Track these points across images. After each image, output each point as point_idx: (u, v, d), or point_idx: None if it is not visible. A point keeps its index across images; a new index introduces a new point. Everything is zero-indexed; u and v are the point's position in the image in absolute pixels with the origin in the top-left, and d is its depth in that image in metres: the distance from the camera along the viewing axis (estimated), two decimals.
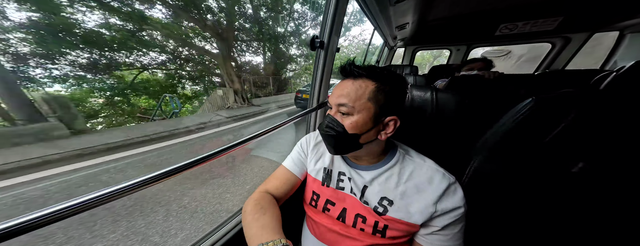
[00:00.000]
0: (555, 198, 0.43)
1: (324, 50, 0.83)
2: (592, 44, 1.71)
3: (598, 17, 1.35)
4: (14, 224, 0.23)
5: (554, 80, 1.16)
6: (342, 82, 0.43)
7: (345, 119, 0.40)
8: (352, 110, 0.39)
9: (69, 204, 0.27)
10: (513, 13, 1.33)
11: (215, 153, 0.46)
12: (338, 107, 0.41)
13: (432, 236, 0.40)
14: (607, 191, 0.38)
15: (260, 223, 0.39)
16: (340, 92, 0.41)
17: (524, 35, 1.67)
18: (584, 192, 0.40)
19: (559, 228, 0.44)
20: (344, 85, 0.41)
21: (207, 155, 0.44)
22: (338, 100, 0.41)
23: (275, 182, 0.52)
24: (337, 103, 0.41)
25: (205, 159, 0.43)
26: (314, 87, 0.92)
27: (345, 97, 0.40)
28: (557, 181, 0.42)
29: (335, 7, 0.76)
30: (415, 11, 1.33)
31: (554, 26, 1.46)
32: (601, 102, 0.37)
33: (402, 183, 0.43)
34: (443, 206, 0.39)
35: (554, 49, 1.90)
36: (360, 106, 0.39)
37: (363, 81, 0.40)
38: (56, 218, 0.26)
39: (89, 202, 0.28)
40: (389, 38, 2.16)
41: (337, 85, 0.43)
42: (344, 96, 0.40)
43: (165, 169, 0.37)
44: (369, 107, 0.39)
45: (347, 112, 0.40)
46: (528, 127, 0.43)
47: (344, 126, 0.40)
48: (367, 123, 0.39)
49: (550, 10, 1.28)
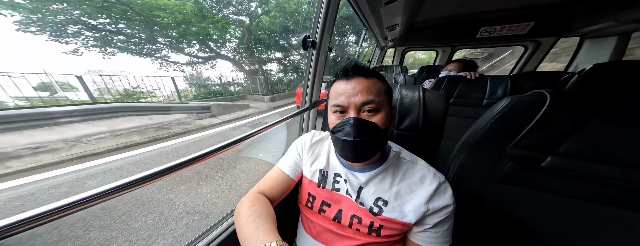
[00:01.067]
0: (529, 191, 0.47)
1: (316, 50, 0.83)
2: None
3: (563, 24, 1.50)
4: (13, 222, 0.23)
5: (526, 81, 1.25)
6: (350, 81, 0.40)
7: (372, 116, 0.39)
8: (379, 106, 0.39)
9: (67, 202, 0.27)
10: (491, 17, 1.44)
11: (207, 154, 0.45)
12: (363, 105, 0.39)
13: (424, 234, 0.42)
14: (574, 185, 0.42)
15: (255, 225, 0.38)
16: (359, 89, 0.39)
17: (501, 38, 1.81)
18: (553, 186, 0.44)
19: (532, 217, 0.48)
20: (356, 83, 0.39)
21: (198, 156, 0.43)
22: (363, 98, 0.38)
23: (270, 182, 0.51)
24: (363, 101, 0.38)
25: (197, 159, 0.42)
26: (306, 87, 0.92)
27: (369, 93, 0.38)
28: (529, 175, 0.46)
29: (327, 6, 0.76)
30: (405, 12, 1.37)
31: (526, 30, 1.60)
32: (567, 101, 0.41)
33: (396, 184, 0.43)
34: (434, 205, 0.40)
35: (527, 51, 2.07)
36: (383, 100, 0.40)
37: (374, 78, 0.41)
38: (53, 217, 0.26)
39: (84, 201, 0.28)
40: (379, 38, 2.21)
41: (341, 85, 0.41)
42: (368, 93, 0.38)
43: (155, 169, 0.35)
44: (387, 101, 0.41)
45: (375, 108, 0.39)
46: (505, 125, 0.47)
47: (377, 124, 0.38)
48: (388, 118, 0.41)
49: (523, 16, 1.41)
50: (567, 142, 0.41)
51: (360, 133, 0.37)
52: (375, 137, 0.39)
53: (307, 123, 0.97)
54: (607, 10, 1.22)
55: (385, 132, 0.40)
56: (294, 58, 10.64)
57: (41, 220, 0.26)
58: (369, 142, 0.39)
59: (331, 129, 0.42)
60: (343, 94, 0.40)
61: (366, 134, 0.38)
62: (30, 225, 0.25)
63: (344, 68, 0.42)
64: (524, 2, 1.16)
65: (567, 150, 0.41)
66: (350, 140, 0.38)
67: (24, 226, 0.24)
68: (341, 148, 0.42)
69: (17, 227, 0.24)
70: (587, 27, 1.52)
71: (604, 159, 0.39)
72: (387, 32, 1.85)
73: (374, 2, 1.17)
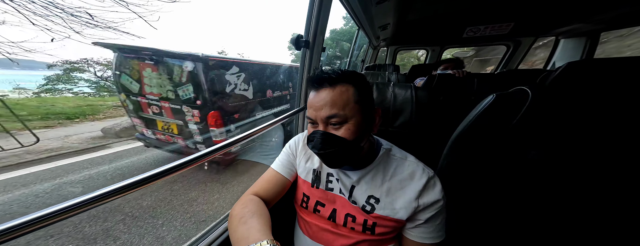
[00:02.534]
0: (514, 183, 0.50)
1: (309, 50, 0.83)
2: None
3: (540, 24, 1.60)
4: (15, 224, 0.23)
5: (509, 78, 1.33)
6: (319, 92, 0.39)
7: (339, 129, 0.38)
8: (345, 118, 0.37)
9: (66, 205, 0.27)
10: (475, 17, 1.51)
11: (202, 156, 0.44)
12: (328, 119, 0.38)
13: (417, 229, 0.42)
14: (557, 174, 0.45)
15: (247, 226, 0.37)
16: (323, 102, 0.38)
17: (485, 38, 1.91)
18: (538, 177, 0.47)
19: (518, 207, 0.51)
20: (323, 95, 0.38)
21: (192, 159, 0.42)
22: (326, 113, 0.37)
23: (265, 184, 0.51)
24: (327, 115, 0.37)
25: (191, 163, 0.41)
26: (299, 87, 0.91)
27: (333, 107, 0.37)
28: (515, 168, 0.49)
29: (320, 6, 0.76)
30: (395, 12, 1.39)
31: (507, 30, 1.69)
32: (546, 97, 0.44)
33: (386, 181, 0.44)
34: (425, 200, 0.41)
35: (509, 50, 2.20)
36: (351, 111, 0.38)
37: (342, 86, 0.38)
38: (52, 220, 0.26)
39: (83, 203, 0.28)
40: (372, 38, 2.24)
41: (312, 98, 0.40)
42: (331, 106, 0.37)
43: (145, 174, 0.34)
44: (358, 108, 0.38)
45: (341, 121, 0.38)
46: (491, 120, 0.49)
47: (343, 137, 0.37)
48: (362, 125, 0.39)
49: (504, 16, 1.49)
50: (549, 135, 0.43)
51: (325, 147, 0.38)
52: (341, 150, 0.38)
53: (302, 124, 0.97)
54: (577, 12, 1.32)
55: (354, 142, 0.38)
56: None
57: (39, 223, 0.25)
58: (334, 154, 0.39)
59: (307, 137, 0.43)
60: (311, 107, 0.40)
61: (331, 147, 0.38)
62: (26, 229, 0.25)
63: (311, 78, 0.42)
64: (503, 3, 1.23)
65: (550, 143, 0.43)
66: (316, 153, 0.40)
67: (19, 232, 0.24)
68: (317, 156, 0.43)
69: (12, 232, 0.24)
70: (561, 28, 1.62)
71: (584, 151, 0.42)
72: (380, 31, 1.88)
73: (366, 1, 1.18)
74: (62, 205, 0.27)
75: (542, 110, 0.44)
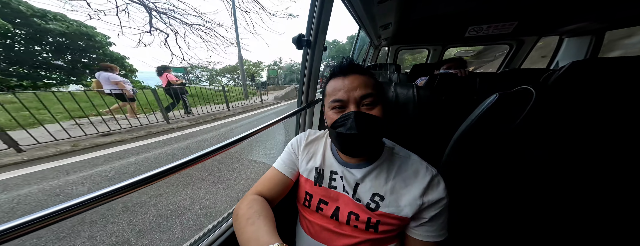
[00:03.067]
0: (517, 183, 0.50)
1: (310, 49, 0.83)
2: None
3: (543, 23, 1.59)
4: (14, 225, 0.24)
5: (512, 77, 1.32)
6: (347, 77, 0.42)
7: (372, 109, 0.40)
8: (377, 99, 0.41)
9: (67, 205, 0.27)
10: (478, 16, 1.50)
11: (207, 154, 0.44)
12: (362, 99, 0.40)
13: (421, 228, 0.42)
14: (560, 174, 0.45)
15: (255, 227, 0.37)
16: (356, 84, 0.40)
17: (488, 37, 1.89)
18: (541, 177, 0.47)
19: (520, 207, 0.51)
20: (354, 78, 0.41)
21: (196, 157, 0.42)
22: (361, 92, 0.39)
23: (267, 183, 0.51)
24: (362, 94, 0.39)
25: (194, 161, 0.41)
26: (301, 86, 0.91)
27: (367, 87, 0.40)
28: (518, 167, 0.49)
29: (321, 5, 0.76)
30: (397, 11, 1.39)
31: (510, 30, 1.67)
32: (550, 97, 0.43)
33: (391, 179, 0.44)
34: (429, 198, 0.41)
35: (512, 49, 2.18)
36: (380, 94, 0.42)
37: (366, 75, 0.42)
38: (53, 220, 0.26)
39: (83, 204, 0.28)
40: (373, 37, 2.23)
41: (338, 81, 0.42)
42: (365, 87, 0.40)
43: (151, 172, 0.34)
44: (381, 96, 0.43)
45: (374, 101, 0.40)
46: (494, 120, 0.49)
47: (377, 115, 0.40)
48: (386, 110, 0.42)
49: (508, 15, 1.47)
50: (554, 135, 0.43)
51: (362, 127, 0.38)
52: (377, 130, 0.40)
53: (304, 123, 0.97)
54: (582, 10, 1.30)
55: (384, 124, 0.41)
56: None
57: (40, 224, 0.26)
58: (371, 135, 0.40)
59: (331, 125, 0.42)
60: (341, 89, 0.41)
61: (368, 127, 0.39)
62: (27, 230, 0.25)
63: (339, 65, 0.43)
64: (507, 2, 1.22)
65: (554, 142, 0.43)
66: (354, 134, 0.38)
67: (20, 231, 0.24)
68: (342, 143, 0.41)
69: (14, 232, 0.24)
70: (564, 27, 1.61)
71: (588, 151, 0.41)
72: (381, 31, 1.87)
73: (367, 0, 1.18)
74: (57, 207, 0.28)
75: (546, 109, 0.44)
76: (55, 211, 0.27)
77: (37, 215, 0.25)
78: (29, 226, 0.25)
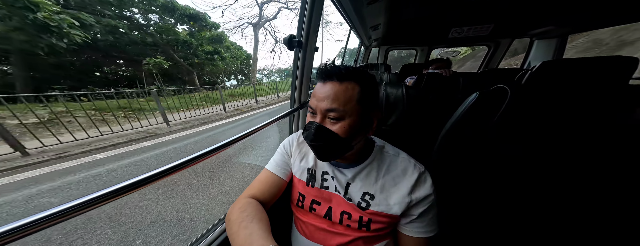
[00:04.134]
0: (497, 177, 0.54)
1: (302, 50, 0.83)
2: None
3: (516, 26, 1.73)
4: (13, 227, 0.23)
5: (491, 77, 1.42)
6: (326, 84, 0.39)
7: (335, 124, 0.38)
8: (343, 114, 0.37)
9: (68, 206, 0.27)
10: (459, 19, 1.60)
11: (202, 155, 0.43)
12: (326, 112, 0.38)
13: (411, 225, 0.43)
14: (533, 167, 0.49)
15: (248, 231, 0.36)
16: (326, 95, 0.38)
17: (469, 39, 2.02)
18: (515, 170, 0.51)
19: (509, 201, 0.55)
20: (329, 88, 0.38)
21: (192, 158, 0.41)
22: (327, 105, 0.37)
23: (260, 186, 0.50)
24: (326, 108, 0.38)
25: (186, 164, 0.40)
26: (294, 87, 0.91)
27: (335, 101, 0.37)
28: (497, 162, 0.53)
29: (312, 6, 0.76)
30: (386, 13, 1.43)
31: (487, 32, 1.81)
32: (523, 94, 0.47)
33: (381, 177, 0.44)
34: (417, 195, 0.42)
35: (490, 50, 2.35)
36: (351, 109, 0.37)
37: (349, 83, 0.38)
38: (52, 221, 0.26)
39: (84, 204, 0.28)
40: (364, 38, 2.28)
41: (318, 87, 0.40)
42: (333, 100, 0.37)
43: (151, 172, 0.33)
44: (358, 109, 0.38)
45: (338, 117, 0.38)
46: (475, 117, 0.52)
47: (336, 132, 0.38)
48: (358, 125, 0.39)
49: (485, 18, 1.59)
50: (527, 130, 0.47)
51: (316, 138, 0.40)
52: (332, 145, 0.39)
53: (297, 124, 0.97)
54: (546, 16, 1.45)
55: (346, 140, 0.39)
56: None
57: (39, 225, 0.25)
58: (324, 148, 0.40)
59: (304, 126, 0.44)
60: (314, 97, 0.40)
61: (322, 140, 0.39)
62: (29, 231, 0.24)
63: (322, 69, 0.41)
64: (483, 6, 1.31)
65: (528, 137, 0.47)
66: (308, 143, 0.42)
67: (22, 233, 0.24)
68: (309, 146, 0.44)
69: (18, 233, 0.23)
70: (534, 30, 1.76)
71: (557, 144, 0.45)
72: (371, 31, 1.91)
73: (357, 2, 1.20)
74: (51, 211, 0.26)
75: (520, 106, 0.47)
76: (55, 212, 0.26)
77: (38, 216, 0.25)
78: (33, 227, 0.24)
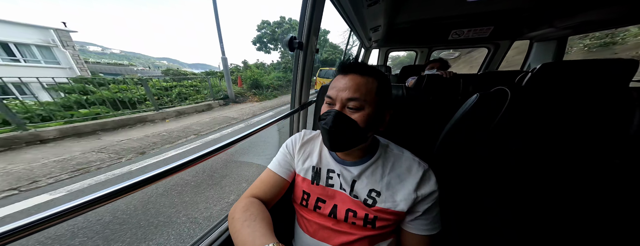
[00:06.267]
0: (498, 177, 0.55)
1: (302, 51, 0.83)
2: None
3: (515, 28, 1.73)
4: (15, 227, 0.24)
5: (491, 78, 1.43)
6: (346, 76, 0.41)
7: (354, 113, 0.40)
8: (363, 104, 0.39)
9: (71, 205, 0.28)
10: (459, 21, 1.61)
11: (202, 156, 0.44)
12: (347, 101, 0.40)
13: (415, 222, 0.44)
14: (535, 166, 0.49)
15: (251, 229, 0.37)
16: (347, 85, 0.40)
17: (469, 41, 2.02)
18: (521, 168, 0.51)
19: (508, 199, 0.56)
20: (350, 79, 0.40)
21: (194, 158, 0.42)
22: (349, 94, 0.39)
23: (262, 185, 0.51)
24: (348, 97, 0.39)
25: (188, 164, 0.41)
26: (294, 89, 0.92)
27: (356, 91, 0.39)
28: (500, 160, 0.54)
29: (312, 7, 0.77)
30: (386, 14, 1.44)
31: (487, 34, 1.81)
32: (524, 96, 0.48)
33: (386, 174, 0.45)
34: (422, 192, 0.43)
35: (489, 52, 2.35)
36: (371, 100, 0.40)
37: (369, 77, 0.41)
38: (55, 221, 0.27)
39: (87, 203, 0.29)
40: (364, 39, 2.28)
41: (338, 79, 0.42)
42: (355, 90, 0.39)
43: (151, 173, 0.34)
44: (376, 101, 0.41)
45: (359, 106, 0.39)
46: (475, 118, 0.53)
47: (356, 120, 0.39)
48: (375, 116, 0.41)
49: (485, 20, 1.60)
50: (528, 131, 0.47)
51: (336, 125, 0.40)
52: (351, 132, 0.41)
53: (298, 125, 0.98)
54: (546, 18, 1.45)
55: (363, 130, 0.40)
56: None
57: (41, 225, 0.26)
58: (343, 135, 0.41)
59: (320, 116, 0.44)
60: (334, 88, 0.42)
61: (343, 127, 0.40)
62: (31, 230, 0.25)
63: (342, 64, 0.44)
64: (483, 8, 1.32)
65: (529, 137, 0.48)
66: (326, 129, 0.41)
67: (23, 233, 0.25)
68: (322, 135, 0.45)
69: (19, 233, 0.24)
70: (533, 32, 1.76)
71: (562, 145, 0.46)
72: (371, 33, 1.92)
73: (357, 3, 1.21)
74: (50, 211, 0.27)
75: (520, 108, 0.48)
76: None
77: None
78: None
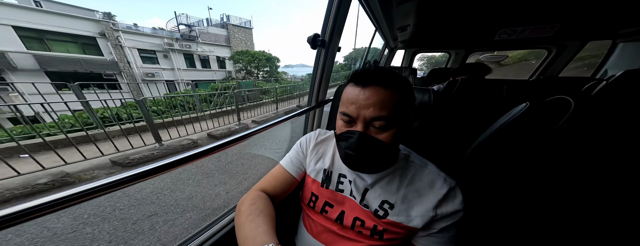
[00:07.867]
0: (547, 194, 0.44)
1: (325, 49, 0.82)
2: None
3: (594, 25, 1.36)
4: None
5: (547, 86, 1.18)
6: (367, 89, 0.35)
7: (381, 134, 0.35)
8: (391, 122, 0.35)
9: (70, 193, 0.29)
10: (513, 18, 1.34)
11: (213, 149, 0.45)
12: (372, 120, 0.34)
13: (428, 238, 0.41)
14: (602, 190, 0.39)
15: (254, 225, 0.38)
16: (371, 101, 0.34)
17: (522, 41, 1.69)
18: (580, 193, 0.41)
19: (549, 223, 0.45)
20: (374, 93, 0.34)
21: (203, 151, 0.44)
22: (374, 113, 0.34)
23: (272, 181, 0.51)
24: (373, 116, 0.34)
25: (204, 154, 0.43)
26: (313, 86, 0.91)
27: (383, 109, 0.34)
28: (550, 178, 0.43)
29: (338, 6, 0.75)
30: (417, 13, 1.33)
31: (551, 33, 1.47)
32: (593, 108, 0.38)
33: (403, 187, 0.42)
34: (443, 210, 0.39)
35: (550, 55, 1.94)
36: (398, 116, 0.35)
37: (394, 89, 0.34)
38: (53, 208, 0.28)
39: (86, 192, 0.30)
40: (389, 39, 2.17)
41: (357, 92, 0.35)
42: (381, 107, 0.33)
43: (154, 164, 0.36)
44: (403, 115, 0.36)
45: (385, 126, 0.34)
46: (522, 129, 0.44)
47: (383, 141, 0.35)
48: (402, 132, 0.37)
49: (549, 16, 1.29)
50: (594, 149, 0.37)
51: (362, 150, 0.36)
52: (378, 154, 0.37)
53: (313, 122, 0.97)
54: None
55: (391, 147, 0.37)
56: None
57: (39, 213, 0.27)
58: (370, 158, 0.38)
59: (336, 135, 0.40)
60: (354, 103, 0.35)
61: (369, 151, 0.36)
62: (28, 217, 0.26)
63: (362, 72, 0.36)
64: (548, 1, 1.07)
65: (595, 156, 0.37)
66: (351, 155, 0.37)
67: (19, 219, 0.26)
68: (343, 157, 0.41)
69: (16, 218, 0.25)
70: (622, 30, 1.37)
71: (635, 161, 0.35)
72: (398, 33, 1.81)
73: (386, 2, 1.14)
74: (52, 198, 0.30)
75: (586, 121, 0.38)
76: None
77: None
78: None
